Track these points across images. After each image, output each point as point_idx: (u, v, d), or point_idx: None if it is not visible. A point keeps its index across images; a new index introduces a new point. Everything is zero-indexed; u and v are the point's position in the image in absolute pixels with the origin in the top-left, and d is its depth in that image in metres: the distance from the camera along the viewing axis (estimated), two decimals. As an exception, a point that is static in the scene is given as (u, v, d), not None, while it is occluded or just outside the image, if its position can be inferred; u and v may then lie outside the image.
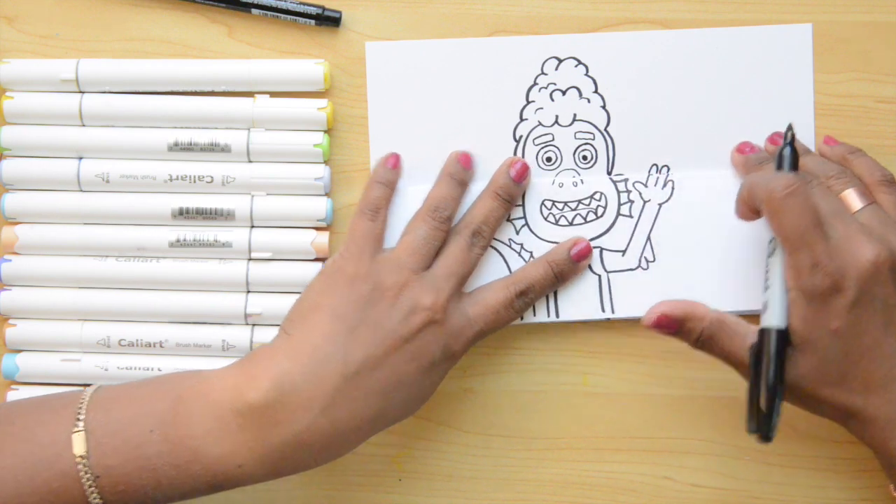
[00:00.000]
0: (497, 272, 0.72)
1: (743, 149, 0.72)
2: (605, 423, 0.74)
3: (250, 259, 0.73)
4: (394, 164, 0.72)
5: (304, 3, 0.72)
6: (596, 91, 0.73)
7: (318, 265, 0.73)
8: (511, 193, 0.72)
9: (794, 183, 0.63)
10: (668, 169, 0.72)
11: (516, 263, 0.72)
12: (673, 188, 0.72)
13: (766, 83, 0.72)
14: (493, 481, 0.75)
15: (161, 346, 0.73)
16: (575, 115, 0.73)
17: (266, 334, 0.73)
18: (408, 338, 0.66)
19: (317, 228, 0.73)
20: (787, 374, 0.65)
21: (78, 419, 0.63)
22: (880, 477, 0.73)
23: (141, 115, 0.72)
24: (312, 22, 0.73)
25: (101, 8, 0.73)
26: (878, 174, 0.69)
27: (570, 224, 0.73)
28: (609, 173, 0.73)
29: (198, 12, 0.73)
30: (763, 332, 0.65)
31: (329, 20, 0.72)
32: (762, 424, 0.64)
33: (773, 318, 0.65)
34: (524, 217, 0.72)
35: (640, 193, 0.72)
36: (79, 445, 0.63)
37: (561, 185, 0.72)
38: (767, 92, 0.72)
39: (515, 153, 0.73)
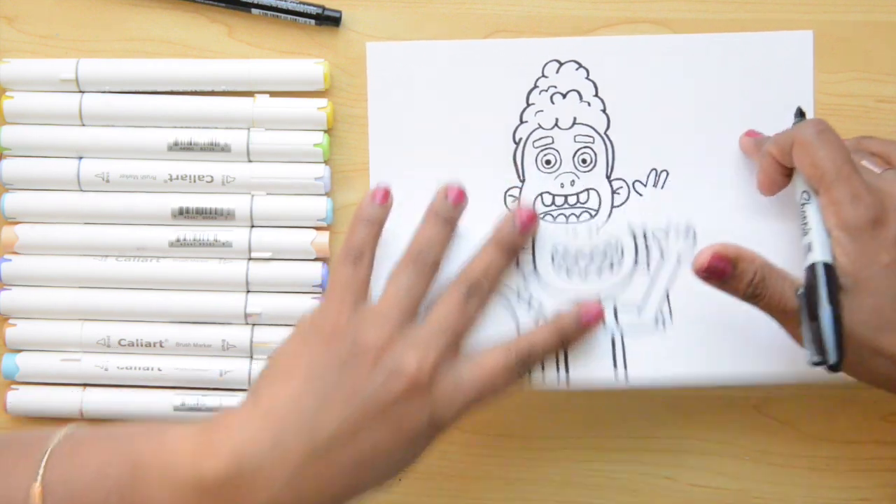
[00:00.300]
0: (504, 324, 0.69)
1: (752, 134, 0.71)
2: (605, 423, 0.74)
3: (250, 259, 0.73)
4: (382, 198, 0.66)
5: (304, 3, 0.72)
6: (596, 94, 0.73)
7: (319, 265, 0.73)
8: (515, 245, 0.68)
9: (823, 122, 0.62)
10: (667, 173, 0.72)
11: (524, 316, 0.70)
12: (695, 240, 0.71)
13: (767, 90, 0.72)
14: (493, 481, 0.75)
15: (161, 346, 0.73)
16: (575, 118, 0.73)
17: (266, 334, 0.73)
18: (388, 405, 0.59)
19: (317, 228, 0.73)
20: (843, 323, 0.60)
21: (39, 470, 0.58)
22: (880, 477, 0.73)
23: (141, 114, 0.72)
24: (312, 22, 0.73)
25: (100, 8, 0.73)
26: (893, 147, 0.68)
27: (584, 276, 0.70)
28: (608, 177, 0.73)
29: (198, 12, 0.73)
30: (810, 269, 0.61)
31: (329, 20, 0.72)
32: (830, 351, 0.59)
33: (818, 255, 0.61)
34: (534, 264, 0.71)
35: (661, 246, 0.72)
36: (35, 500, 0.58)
37: (575, 234, 0.71)
38: (767, 99, 0.72)
39: (515, 155, 0.73)
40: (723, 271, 0.62)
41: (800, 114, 0.68)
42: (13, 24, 0.74)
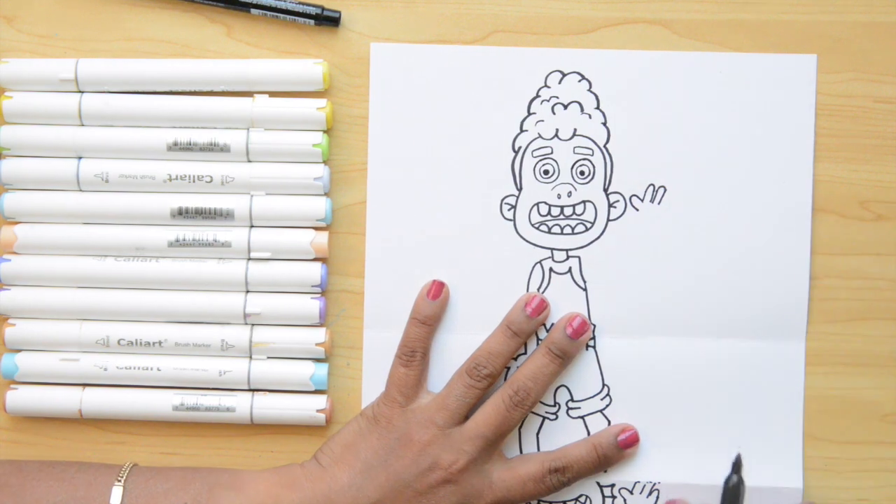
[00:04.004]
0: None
1: None
2: (603, 423, 0.74)
3: (249, 259, 0.73)
4: (435, 294, 0.72)
5: (304, 3, 0.72)
6: (598, 107, 0.73)
7: (318, 265, 0.73)
8: (567, 351, 0.71)
9: None
10: (665, 190, 0.72)
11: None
12: (658, 498, 0.73)
13: (769, 111, 0.72)
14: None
15: (160, 346, 0.73)
16: (575, 129, 0.73)
17: (265, 334, 0.73)
18: (421, 492, 0.69)
19: (316, 228, 0.73)
20: None
21: (118, 480, 0.69)
22: (879, 477, 0.73)
23: (140, 114, 0.72)
24: (311, 22, 0.72)
25: (99, 8, 0.73)
26: None
27: None
28: (606, 190, 0.72)
29: (197, 12, 0.73)
30: None
31: (328, 20, 0.72)
32: None
33: None
34: None
35: (625, 500, 0.73)
36: (116, 497, 0.68)
37: None
38: (769, 120, 0.72)
39: (513, 164, 0.73)
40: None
41: (736, 465, 0.67)
42: (12, 23, 0.74)
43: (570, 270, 0.73)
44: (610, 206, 0.73)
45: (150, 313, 0.73)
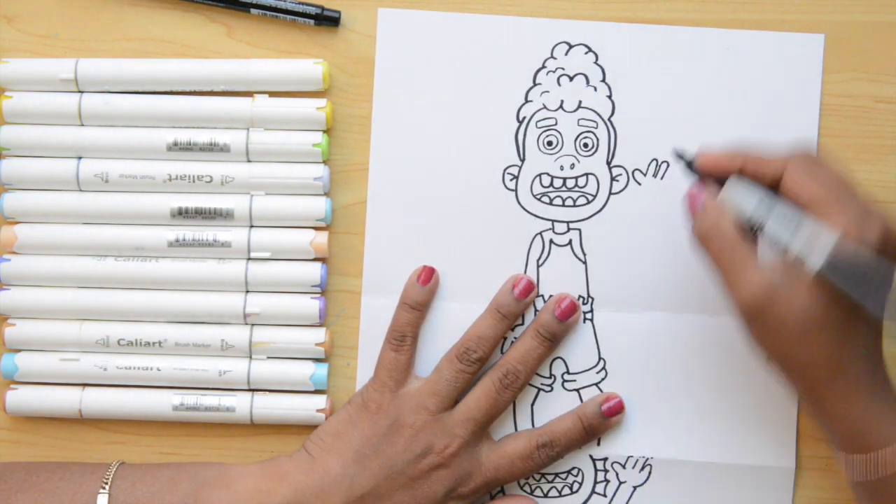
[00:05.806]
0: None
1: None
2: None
3: (249, 259, 0.73)
4: (425, 279, 0.72)
5: (304, 3, 0.72)
6: (603, 80, 0.73)
7: (318, 265, 0.73)
8: (555, 333, 0.72)
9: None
10: (668, 165, 0.72)
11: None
12: (650, 473, 0.73)
13: (774, 89, 0.72)
14: (492, 481, 0.75)
15: (160, 346, 0.73)
16: (580, 101, 0.73)
17: (265, 334, 0.73)
18: (415, 477, 0.69)
19: (316, 228, 0.73)
20: None
21: (103, 485, 0.68)
22: (880, 477, 0.73)
23: (140, 114, 0.72)
24: (311, 22, 0.72)
25: (100, 7, 0.73)
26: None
27: (545, 496, 0.73)
28: (609, 163, 0.72)
29: (197, 12, 0.73)
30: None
31: (328, 20, 0.72)
32: None
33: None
34: None
35: (618, 474, 0.73)
36: None
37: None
38: (774, 98, 0.72)
39: (517, 134, 0.73)
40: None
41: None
42: (12, 23, 0.74)
43: (570, 243, 0.73)
44: (612, 179, 0.73)
45: (149, 313, 0.73)
